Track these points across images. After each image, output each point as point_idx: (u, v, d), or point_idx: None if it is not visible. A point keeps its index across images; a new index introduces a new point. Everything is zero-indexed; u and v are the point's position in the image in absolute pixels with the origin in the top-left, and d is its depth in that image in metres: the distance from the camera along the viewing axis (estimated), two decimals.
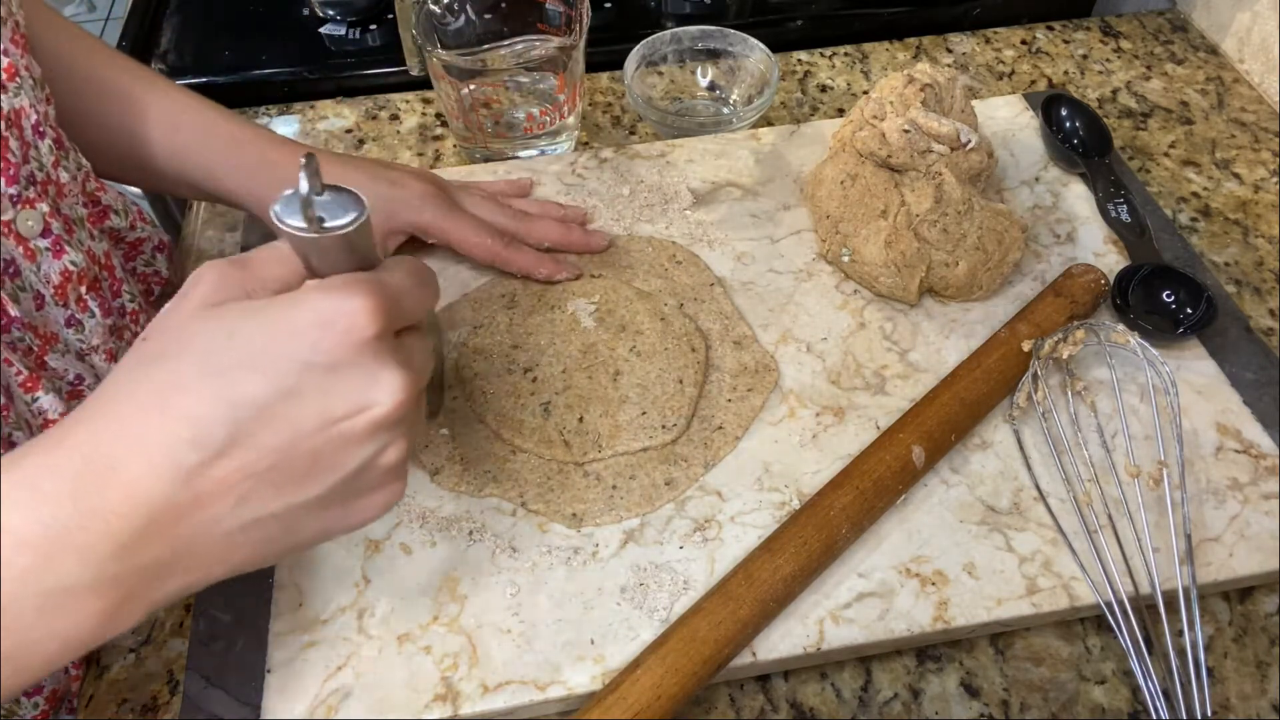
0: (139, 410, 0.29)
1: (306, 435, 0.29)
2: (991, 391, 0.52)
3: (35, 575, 0.27)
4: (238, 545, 0.30)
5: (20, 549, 0.27)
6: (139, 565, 0.29)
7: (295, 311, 0.30)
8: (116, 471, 0.28)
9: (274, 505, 0.30)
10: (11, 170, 0.43)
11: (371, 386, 0.30)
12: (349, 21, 0.82)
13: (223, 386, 0.29)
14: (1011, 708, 0.46)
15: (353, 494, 0.32)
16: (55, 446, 0.29)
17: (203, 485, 0.29)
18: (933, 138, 0.56)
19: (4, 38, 0.44)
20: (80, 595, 0.28)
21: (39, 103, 0.46)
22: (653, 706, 0.41)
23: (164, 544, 0.29)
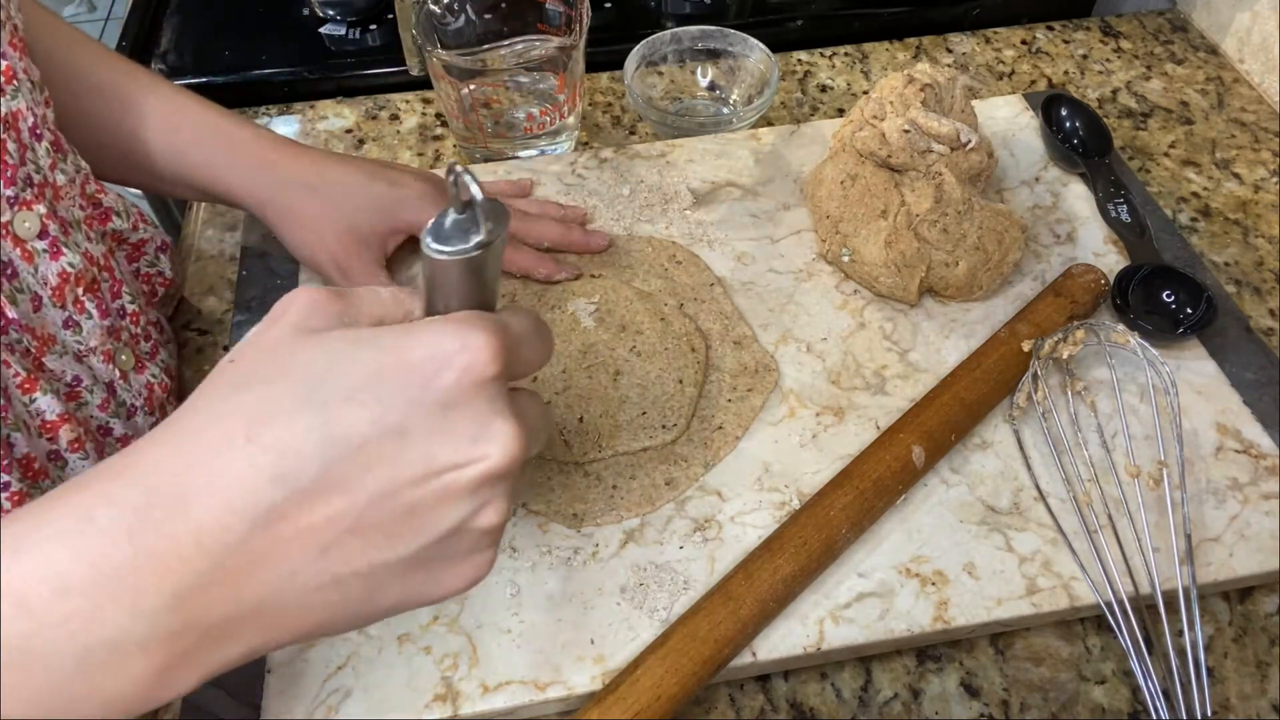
0: (221, 437, 0.25)
1: (406, 484, 0.26)
2: (991, 391, 0.52)
3: (79, 624, 0.24)
4: (312, 607, 0.27)
5: (65, 593, 0.24)
6: (198, 622, 0.25)
7: (410, 341, 0.27)
8: (186, 506, 0.25)
9: (358, 562, 0.26)
10: (9, 172, 0.43)
11: (483, 435, 0.27)
12: (349, 21, 0.82)
13: (321, 418, 0.25)
14: (1011, 708, 0.46)
15: (441, 560, 0.28)
16: (118, 474, 0.26)
17: (283, 530, 0.25)
18: (933, 138, 0.56)
19: (2, 41, 0.44)
20: (128, 652, 0.25)
21: (37, 105, 0.46)
22: (653, 706, 0.41)
23: (230, 598, 0.25)
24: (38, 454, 0.43)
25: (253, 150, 0.54)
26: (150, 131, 0.54)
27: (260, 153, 0.54)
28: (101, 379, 0.48)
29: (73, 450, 0.45)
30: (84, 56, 0.53)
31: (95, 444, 0.47)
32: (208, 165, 0.54)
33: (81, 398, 0.47)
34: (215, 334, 0.61)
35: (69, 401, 0.46)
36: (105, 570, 0.24)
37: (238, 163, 0.54)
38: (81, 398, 0.47)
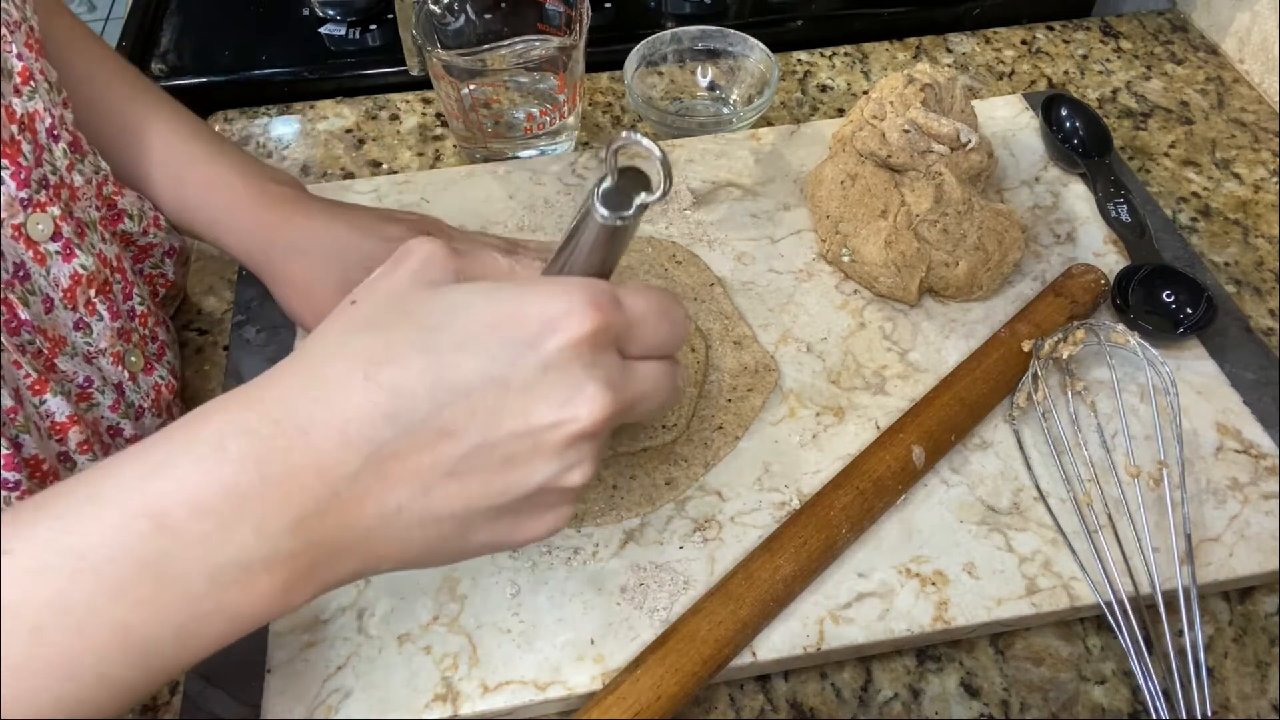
0: (342, 375, 0.27)
1: (505, 437, 0.28)
2: (991, 391, 0.52)
3: (211, 544, 0.26)
4: (412, 541, 0.29)
5: (200, 514, 0.26)
6: (314, 545, 0.27)
7: (521, 300, 0.28)
8: (308, 438, 0.26)
9: (456, 504, 0.28)
10: (23, 174, 0.43)
11: (575, 397, 0.28)
12: (349, 21, 0.82)
13: (434, 364, 0.27)
14: (1011, 708, 0.46)
15: (527, 510, 0.30)
16: (246, 406, 0.27)
17: (392, 469, 0.27)
18: (933, 138, 0.56)
19: (19, 42, 0.44)
20: (254, 571, 0.26)
21: (54, 106, 0.46)
22: (653, 706, 0.41)
23: (343, 526, 0.27)
24: (46, 455, 0.43)
25: (249, 211, 0.54)
26: (158, 180, 0.54)
27: (256, 214, 0.54)
28: (111, 380, 0.48)
29: (82, 452, 0.45)
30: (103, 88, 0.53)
31: (103, 446, 0.47)
32: (209, 222, 0.55)
33: (92, 399, 0.47)
34: (215, 334, 0.61)
35: (79, 403, 0.46)
36: (236, 495, 0.26)
37: (235, 225, 0.54)
38: (92, 399, 0.47)
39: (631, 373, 0.30)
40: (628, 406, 0.30)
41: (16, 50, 0.44)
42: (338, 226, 0.54)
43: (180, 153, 0.54)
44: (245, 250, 0.55)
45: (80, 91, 0.50)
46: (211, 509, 0.26)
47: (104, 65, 0.54)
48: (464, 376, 0.27)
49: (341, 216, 0.55)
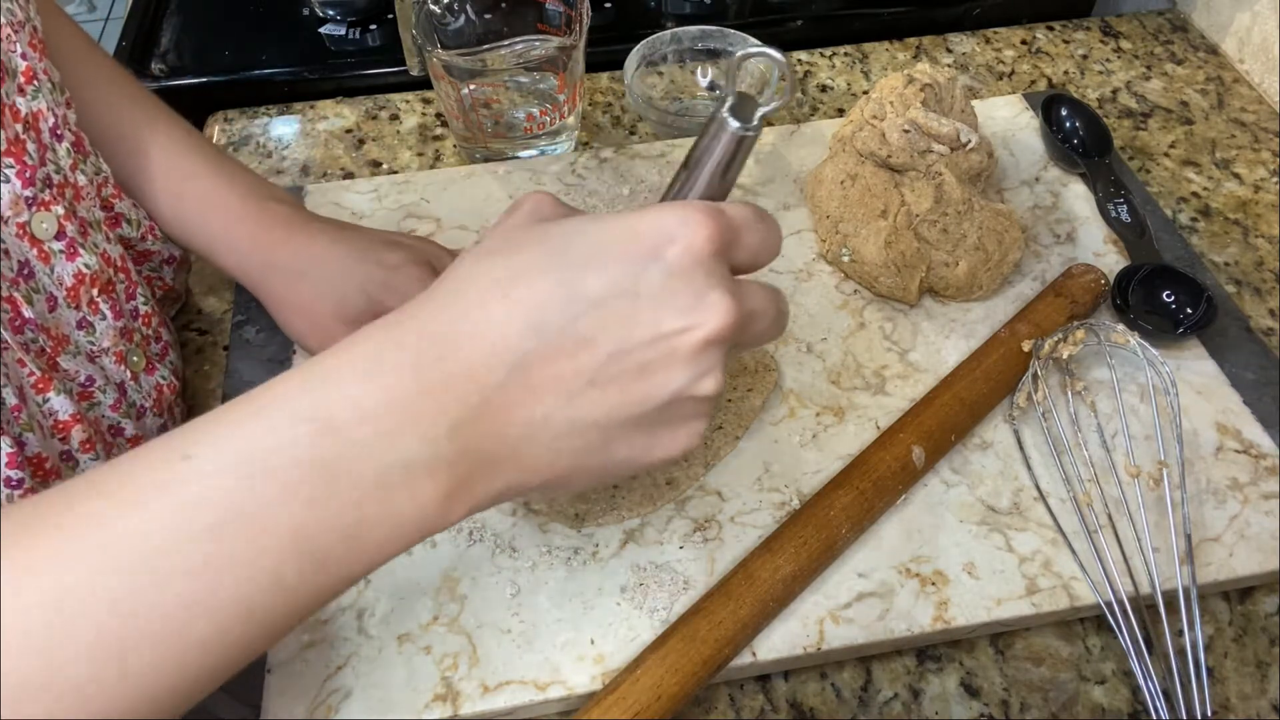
0: (480, 295, 0.29)
1: (638, 344, 0.29)
2: (991, 391, 0.52)
3: (375, 447, 0.27)
4: (561, 451, 0.30)
5: (362, 420, 0.27)
6: (470, 452, 0.28)
7: (637, 220, 0.30)
8: (457, 349, 0.28)
9: (598, 412, 0.29)
10: (28, 172, 0.43)
11: (700, 303, 0.30)
12: (349, 21, 0.82)
13: (564, 278, 0.29)
14: (1011, 708, 0.46)
15: (663, 423, 0.31)
16: (396, 325, 0.29)
17: (536, 376, 0.28)
18: (933, 138, 0.56)
19: (23, 41, 0.44)
20: (417, 474, 0.27)
21: (57, 106, 0.46)
22: (653, 706, 0.41)
23: (495, 434, 0.28)
24: (49, 454, 0.43)
25: (247, 230, 0.54)
26: (155, 194, 0.54)
27: (254, 233, 0.54)
28: (113, 379, 0.48)
29: (84, 451, 0.45)
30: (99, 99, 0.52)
31: (105, 445, 0.47)
32: (207, 239, 0.54)
33: (94, 398, 0.47)
34: (215, 334, 0.61)
35: (81, 401, 0.46)
36: (397, 400, 0.27)
37: (233, 243, 0.54)
38: (94, 398, 0.47)
39: (744, 287, 0.32)
40: (746, 318, 0.31)
41: (20, 50, 0.44)
42: (337, 250, 0.54)
43: (178, 167, 0.54)
44: (243, 270, 0.55)
45: (78, 100, 0.50)
46: (373, 414, 0.27)
47: (103, 75, 0.54)
48: (594, 289, 0.29)
49: (341, 240, 0.55)
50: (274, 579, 0.26)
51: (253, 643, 0.27)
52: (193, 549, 0.25)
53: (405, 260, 0.55)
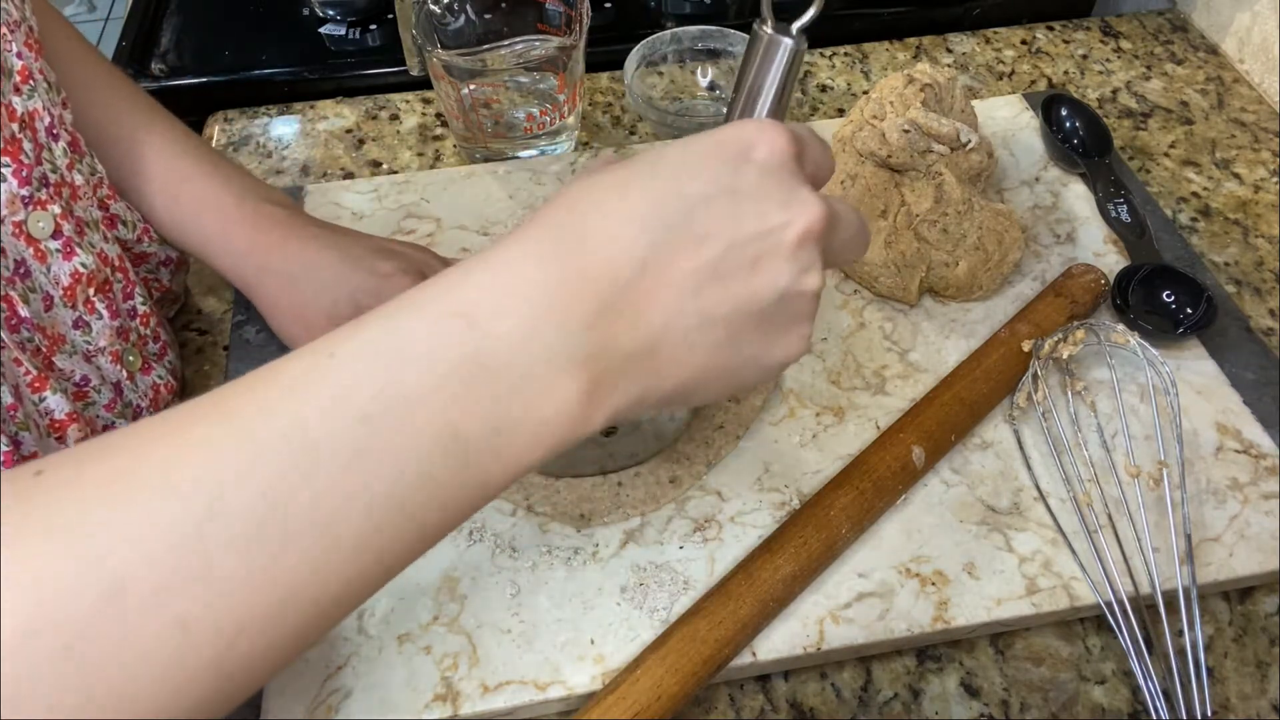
0: (597, 202, 0.30)
1: (748, 237, 0.30)
2: (991, 391, 0.52)
3: (517, 342, 0.27)
4: (695, 347, 0.30)
5: (502, 314, 0.27)
6: (610, 348, 0.28)
7: (717, 134, 0.31)
8: (584, 246, 0.28)
9: (724, 306, 0.30)
10: (25, 171, 0.43)
11: (793, 199, 0.31)
12: (349, 21, 0.82)
13: (668, 185, 0.30)
14: (1011, 708, 0.46)
15: (779, 320, 0.32)
16: (524, 231, 0.29)
17: (663, 271, 0.29)
18: (933, 138, 0.56)
19: (18, 41, 0.44)
20: (557, 369, 0.28)
21: (53, 106, 0.46)
22: (653, 706, 0.41)
23: (632, 327, 0.29)
24: (45, 453, 0.43)
25: (242, 232, 0.54)
26: (151, 196, 0.53)
27: (249, 236, 0.54)
28: (109, 379, 0.48)
29: None
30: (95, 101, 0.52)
31: None
32: (202, 241, 0.54)
33: (89, 397, 0.47)
34: (215, 334, 0.61)
35: (77, 401, 0.46)
36: (533, 295, 0.28)
37: (228, 245, 0.54)
38: (89, 397, 0.47)
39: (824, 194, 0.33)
40: (834, 219, 0.32)
41: (16, 49, 0.44)
42: (330, 255, 0.54)
43: (174, 169, 0.54)
44: (237, 272, 0.55)
45: (74, 101, 0.50)
46: (513, 309, 0.27)
47: (99, 76, 0.53)
48: (698, 190, 0.30)
49: (335, 245, 0.54)
50: (423, 474, 0.26)
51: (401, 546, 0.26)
52: (344, 440, 0.25)
53: (397, 269, 0.54)
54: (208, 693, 0.23)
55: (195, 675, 0.23)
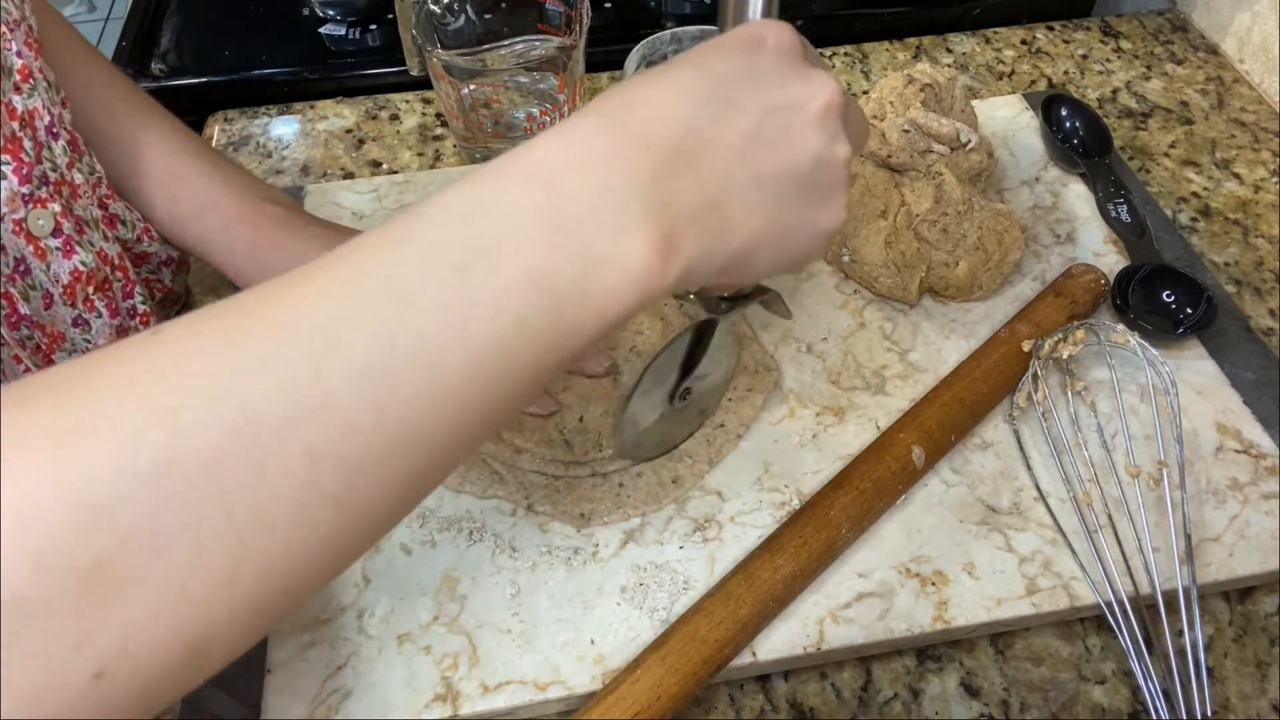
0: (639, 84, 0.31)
1: (777, 107, 0.32)
2: (991, 391, 0.52)
3: (589, 194, 0.28)
4: (751, 208, 0.32)
5: (572, 170, 0.29)
6: (676, 201, 0.30)
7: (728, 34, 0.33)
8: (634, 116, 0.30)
9: (768, 169, 0.32)
10: (25, 170, 0.43)
11: (810, 76, 0.33)
12: (349, 21, 0.82)
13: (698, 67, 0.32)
14: (1011, 708, 0.46)
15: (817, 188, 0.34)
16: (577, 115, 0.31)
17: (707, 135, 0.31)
18: (933, 138, 0.56)
19: (18, 40, 0.44)
20: (629, 220, 0.29)
21: (53, 105, 0.46)
22: (653, 706, 0.41)
23: (693, 184, 0.30)
24: None
25: (243, 232, 0.54)
26: (151, 196, 0.53)
27: (249, 235, 0.54)
28: None
29: None
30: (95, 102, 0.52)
31: None
32: (202, 241, 0.54)
33: None
34: None
35: None
36: (597, 157, 0.29)
37: (229, 245, 0.54)
38: None
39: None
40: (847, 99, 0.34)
41: (16, 48, 0.44)
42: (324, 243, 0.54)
43: (174, 168, 0.54)
44: (237, 271, 0.55)
45: (74, 101, 0.50)
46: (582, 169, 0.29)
47: (99, 76, 0.53)
48: (724, 70, 0.32)
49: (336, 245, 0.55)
50: (518, 317, 0.27)
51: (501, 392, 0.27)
52: (441, 285, 0.26)
53: None
54: (334, 530, 0.25)
55: (324, 507, 0.24)
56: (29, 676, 0.21)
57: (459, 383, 0.26)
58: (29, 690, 0.21)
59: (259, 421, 0.23)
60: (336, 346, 0.25)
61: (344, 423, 0.24)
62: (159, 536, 0.22)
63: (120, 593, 0.21)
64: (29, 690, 0.21)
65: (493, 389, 0.27)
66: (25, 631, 0.20)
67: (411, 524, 0.49)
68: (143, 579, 0.22)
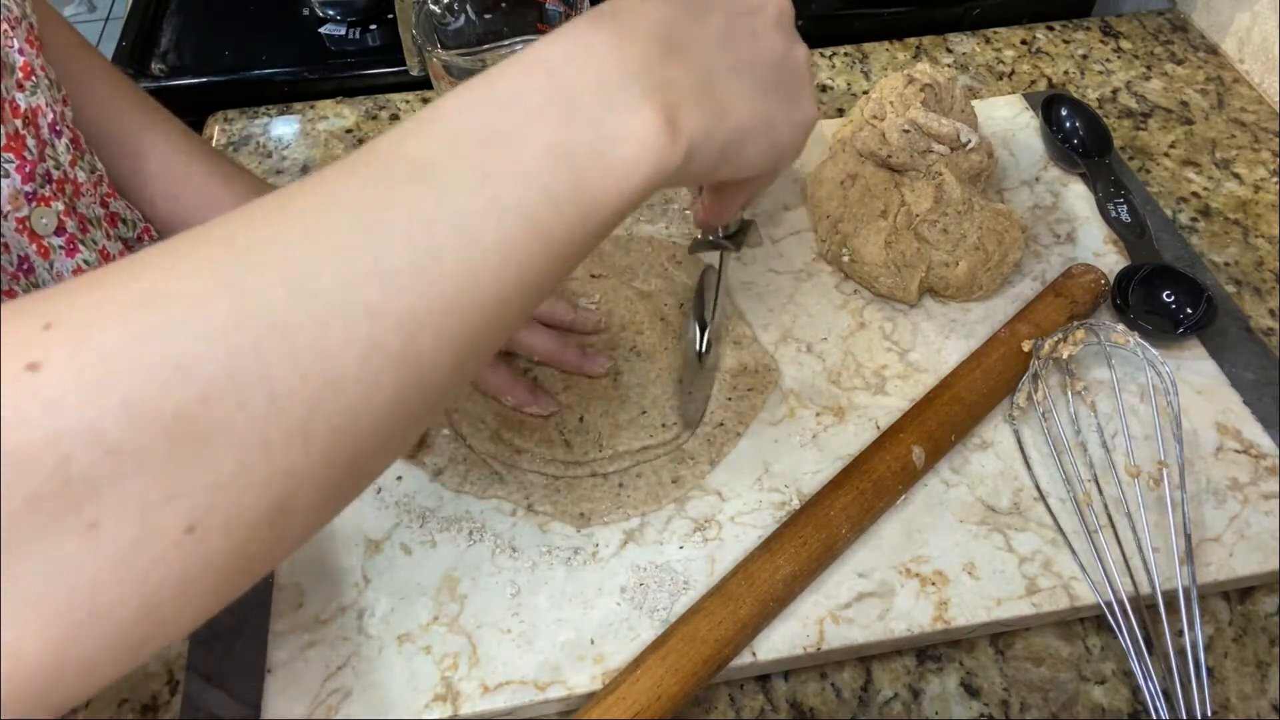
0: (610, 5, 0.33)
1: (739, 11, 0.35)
2: (991, 391, 0.52)
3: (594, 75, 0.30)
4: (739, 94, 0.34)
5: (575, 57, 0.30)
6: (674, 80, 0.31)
7: None
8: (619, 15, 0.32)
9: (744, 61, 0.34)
10: (28, 168, 0.43)
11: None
12: (349, 21, 0.82)
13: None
14: (1011, 708, 0.46)
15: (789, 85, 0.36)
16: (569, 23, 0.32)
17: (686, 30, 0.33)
18: (933, 138, 0.56)
19: (19, 37, 0.44)
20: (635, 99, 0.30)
21: (55, 103, 0.46)
22: (653, 706, 0.41)
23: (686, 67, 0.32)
24: None
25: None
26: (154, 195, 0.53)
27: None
28: None
29: None
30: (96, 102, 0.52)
31: None
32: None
33: None
34: None
35: None
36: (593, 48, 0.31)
37: None
38: None
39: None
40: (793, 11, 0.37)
41: (18, 45, 0.44)
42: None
43: (174, 168, 0.54)
44: None
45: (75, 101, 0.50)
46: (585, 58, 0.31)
47: (100, 76, 0.53)
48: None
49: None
50: (544, 189, 0.29)
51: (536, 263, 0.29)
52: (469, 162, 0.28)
53: None
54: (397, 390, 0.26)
55: (386, 366, 0.25)
56: (126, 526, 0.21)
57: (495, 254, 0.28)
58: (127, 540, 0.21)
59: (317, 284, 0.25)
60: (379, 218, 0.26)
61: (397, 284, 0.26)
62: (237, 390, 0.23)
63: (207, 445, 0.22)
64: (127, 540, 0.21)
65: (526, 263, 0.28)
66: (121, 482, 0.21)
67: (411, 524, 0.49)
68: (226, 432, 0.23)
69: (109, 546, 0.21)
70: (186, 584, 0.23)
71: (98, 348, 0.22)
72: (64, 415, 0.21)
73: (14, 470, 0.20)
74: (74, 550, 0.21)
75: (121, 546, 0.21)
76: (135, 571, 0.22)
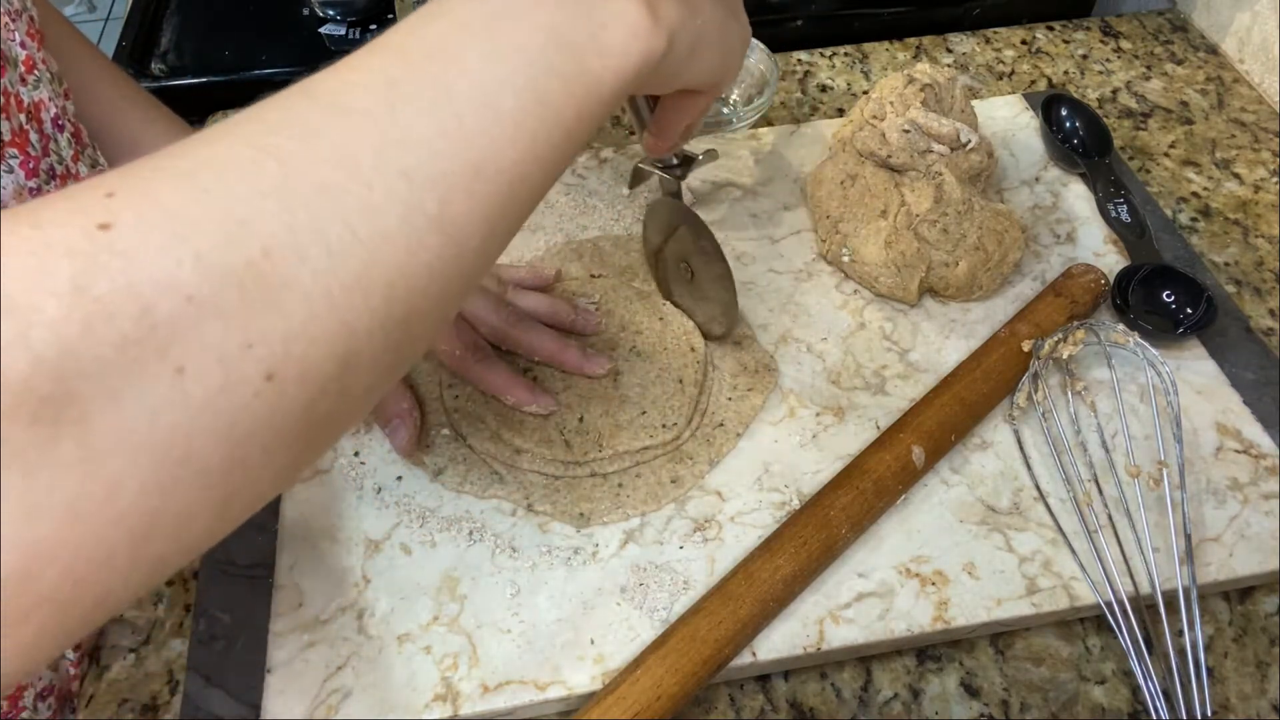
0: None
1: None
2: (991, 391, 0.52)
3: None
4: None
5: None
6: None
7: None
8: None
9: None
10: (32, 163, 0.43)
11: None
12: (349, 21, 0.82)
13: None
14: (1011, 708, 0.46)
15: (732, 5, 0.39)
16: None
17: None
18: (933, 138, 0.56)
19: (21, 30, 0.44)
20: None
21: (57, 96, 0.46)
22: (653, 706, 0.42)
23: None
24: None
25: None
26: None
27: None
28: None
29: None
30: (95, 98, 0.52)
31: None
32: None
33: None
34: None
35: None
36: None
37: None
38: None
39: None
40: None
41: (19, 38, 0.44)
42: None
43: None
44: None
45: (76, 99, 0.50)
46: None
47: (101, 75, 0.53)
48: None
49: None
50: (548, 68, 0.31)
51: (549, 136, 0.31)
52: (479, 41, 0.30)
53: None
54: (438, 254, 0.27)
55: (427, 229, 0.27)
56: (210, 371, 0.22)
57: (512, 124, 0.29)
58: (213, 385, 0.22)
59: (355, 151, 0.27)
60: (404, 92, 0.28)
61: (428, 150, 0.28)
62: (296, 244, 0.24)
63: (276, 296, 0.24)
64: (213, 385, 0.22)
65: (542, 136, 0.30)
66: (201, 328, 0.22)
67: (411, 524, 0.49)
68: (293, 283, 0.24)
69: (196, 392, 0.22)
70: (270, 435, 0.24)
71: (162, 207, 0.23)
72: (141, 267, 0.22)
73: (101, 319, 0.21)
74: (165, 394, 0.22)
75: (208, 391, 0.22)
76: (223, 418, 0.23)
